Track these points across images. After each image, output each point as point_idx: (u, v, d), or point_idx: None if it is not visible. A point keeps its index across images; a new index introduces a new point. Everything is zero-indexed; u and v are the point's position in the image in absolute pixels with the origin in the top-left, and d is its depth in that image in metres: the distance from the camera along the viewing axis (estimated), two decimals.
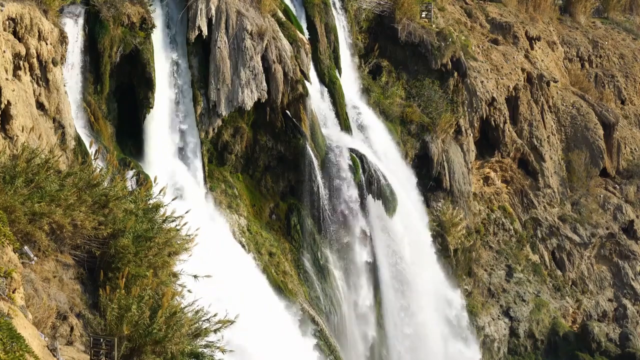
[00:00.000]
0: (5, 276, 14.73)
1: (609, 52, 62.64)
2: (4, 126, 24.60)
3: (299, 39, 38.25)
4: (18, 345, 12.95)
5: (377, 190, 39.45)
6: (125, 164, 30.51)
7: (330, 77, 41.05)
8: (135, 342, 17.07)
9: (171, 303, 17.70)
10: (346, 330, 38.75)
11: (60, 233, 18.52)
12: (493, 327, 47.26)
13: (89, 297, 18.55)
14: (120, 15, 32.25)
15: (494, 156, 50.88)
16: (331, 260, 38.77)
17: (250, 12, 36.36)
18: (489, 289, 48.19)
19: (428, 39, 46.17)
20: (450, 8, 54.20)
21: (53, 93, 27.89)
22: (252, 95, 35.77)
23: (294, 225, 38.07)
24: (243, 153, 37.44)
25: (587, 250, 52.68)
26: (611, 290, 52.98)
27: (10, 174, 18.18)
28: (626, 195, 55.72)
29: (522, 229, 51.42)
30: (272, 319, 32.95)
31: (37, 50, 27.00)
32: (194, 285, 20.70)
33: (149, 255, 18.91)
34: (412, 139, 44.61)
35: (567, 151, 54.89)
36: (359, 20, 45.97)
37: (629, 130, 59.34)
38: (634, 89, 61.91)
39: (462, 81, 47.41)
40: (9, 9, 25.93)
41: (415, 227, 42.44)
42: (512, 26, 55.72)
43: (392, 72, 46.46)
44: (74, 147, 28.61)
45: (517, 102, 52.12)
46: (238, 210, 36.51)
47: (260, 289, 34.05)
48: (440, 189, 45.53)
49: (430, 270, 42.73)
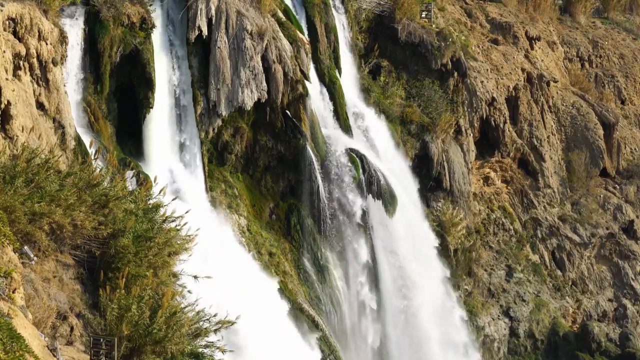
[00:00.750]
0: (5, 276, 14.73)
1: (609, 52, 62.62)
2: (4, 126, 24.59)
3: (299, 39, 38.24)
4: (18, 345, 12.95)
5: (377, 190, 39.44)
6: (125, 164, 30.48)
7: (330, 77, 41.04)
8: (135, 342, 17.07)
9: (171, 303, 17.70)
10: (346, 330, 38.75)
11: (60, 233, 18.53)
12: (493, 327, 47.25)
13: (89, 297, 18.55)
14: (120, 15, 32.24)
15: (494, 156, 50.86)
16: (331, 260, 38.76)
17: (250, 12, 36.36)
18: (489, 289, 48.18)
19: (428, 39, 46.17)
20: (450, 8, 54.18)
21: (53, 93, 27.89)
22: (252, 95, 35.77)
23: (294, 225, 38.06)
24: (243, 153, 37.43)
25: (587, 250, 52.66)
26: (611, 290, 52.96)
27: (10, 174, 18.18)
28: (626, 195, 55.71)
29: (522, 229, 51.40)
30: (272, 319, 32.93)
31: (37, 50, 26.99)
32: (194, 286, 20.72)
33: (149, 255, 18.92)
34: (412, 139, 44.60)
35: (567, 151, 54.88)
36: (359, 20, 45.95)
37: (629, 130, 59.33)
38: (634, 89, 61.90)
39: (462, 81, 47.40)
40: (9, 9, 25.93)
41: (415, 227, 42.44)
42: (512, 26, 55.70)
43: (392, 72, 46.45)
44: (74, 147, 28.60)
45: (517, 102, 52.10)
46: (238, 210, 36.50)
47: (260, 289, 34.02)
48: (440, 189, 45.51)
49: (431, 270, 42.72)
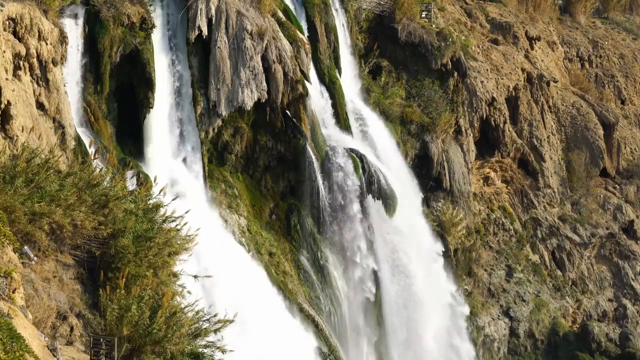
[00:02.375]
0: (5, 276, 14.73)
1: (609, 52, 62.62)
2: (4, 126, 24.60)
3: (299, 39, 38.24)
4: (18, 345, 12.94)
5: (377, 190, 39.44)
6: (125, 164, 30.47)
7: (330, 77, 41.04)
8: (135, 342, 17.07)
9: (171, 303, 17.70)
10: (346, 330, 38.74)
11: (60, 233, 18.52)
12: (493, 327, 47.24)
13: (89, 297, 18.54)
14: (120, 15, 32.24)
15: (494, 156, 50.85)
16: (331, 260, 38.75)
17: (250, 12, 36.36)
18: (489, 289, 48.18)
19: (428, 39, 46.17)
20: (450, 8, 54.18)
21: (53, 93, 27.89)
22: (252, 95, 35.77)
23: (294, 225, 38.06)
24: (243, 153, 37.43)
25: (587, 250, 52.65)
26: (611, 290, 52.95)
27: (10, 174, 18.18)
28: (626, 195, 55.70)
29: (522, 229, 51.39)
30: (273, 319, 32.94)
31: (37, 50, 27.00)
32: (194, 286, 20.72)
33: (149, 255, 18.91)
34: (412, 139, 44.60)
35: (567, 151, 54.87)
36: (359, 20, 45.95)
37: (629, 130, 59.33)
38: (634, 89, 61.90)
39: (462, 81, 47.39)
40: (9, 9, 25.93)
41: (415, 227, 42.43)
42: (512, 26, 55.69)
43: (392, 72, 46.45)
44: (74, 147, 28.61)
45: (517, 102, 52.10)
46: (238, 210, 36.50)
47: (260, 289, 34.03)
48: (440, 189, 45.51)
49: (430, 270, 42.72)
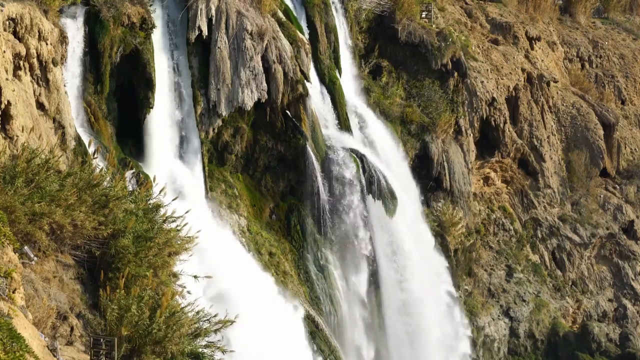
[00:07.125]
0: (5, 276, 14.72)
1: (609, 52, 62.64)
2: (4, 126, 24.59)
3: (299, 39, 38.24)
4: (18, 345, 12.94)
5: (377, 191, 39.44)
6: (125, 164, 30.49)
7: (330, 77, 41.04)
8: (135, 342, 17.06)
9: (171, 303, 17.69)
10: (346, 330, 38.74)
11: (60, 233, 18.51)
12: (493, 327, 47.25)
13: (89, 297, 18.53)
14: (121, 15, 32.24)
15: (494, 156, 50.86)
16: (331, 260, 38.75)
17: (250, 12, 36.36)
18: (489, 289, 48.18)
19: (428, 39, 46.18)
20: (450, 8, 54.19)
21: (53, 93, 27.89)
22: (252, 95, 35.76)
23: (294, 226, 38.05)
24: (243, 153, 37.42)
25: (587, 251, 52.66)
26: (611, 290, 52.96)
27: (11, 174, 18.16)
28: (626, 196, 55.72)
29: (522, 229, 51.40)
30: (273, 319, 32.93)
31: (37, 50, 26.99)
32: (194, 286, 20.71)
33: (149, 256, 18.89)
34: (412, 139, 44.61)
35: (567, 151, 54.89)
36: (359, 20, 45.96)
37: (629, 130, 59.35)
38: (634, 89, 61.91)
39: (462, 81, 47.40)
40: (9, 9, 25.93)
41: (415, 227, 42.44)
42: (512, 26, 55.71)
43: (392, 72, 46.46)
44: (74, 147, 28.60)
45: (517, 102, 52.11)
46: (238, 211, 36.49)
47: (260, 289, 34.02)
48: (440, 189, 45.52)
49: (430, 270, 42.74)
